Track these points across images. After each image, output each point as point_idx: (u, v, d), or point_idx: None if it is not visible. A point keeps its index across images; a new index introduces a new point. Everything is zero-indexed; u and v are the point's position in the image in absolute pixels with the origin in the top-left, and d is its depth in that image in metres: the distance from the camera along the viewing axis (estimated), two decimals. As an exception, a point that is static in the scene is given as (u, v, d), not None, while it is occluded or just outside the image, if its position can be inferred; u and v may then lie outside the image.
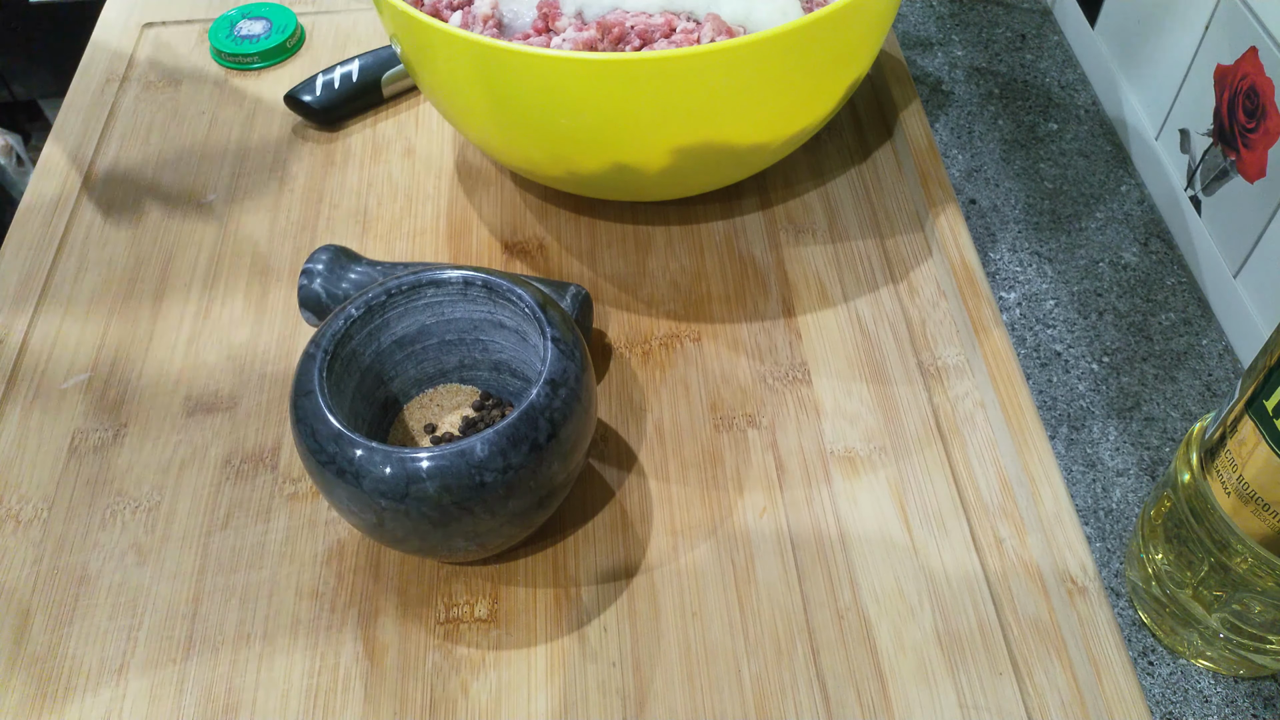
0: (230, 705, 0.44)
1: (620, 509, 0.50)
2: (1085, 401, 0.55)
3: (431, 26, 0.49)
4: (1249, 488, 0.39)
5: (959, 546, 0.48)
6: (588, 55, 0.47)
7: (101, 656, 0.45)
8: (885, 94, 0.68)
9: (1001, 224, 0.64)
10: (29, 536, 0.49)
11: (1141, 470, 0.52)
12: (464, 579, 0.47)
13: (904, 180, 0.64)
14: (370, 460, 0.40)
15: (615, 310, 0.58)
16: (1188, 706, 0.45)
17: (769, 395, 0.53)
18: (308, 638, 0.46)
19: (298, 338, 0.57)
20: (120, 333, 0.58)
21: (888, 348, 0.55)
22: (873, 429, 0.52)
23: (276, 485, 0.51)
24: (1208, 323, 0.58)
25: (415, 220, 0.63)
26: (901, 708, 0.43)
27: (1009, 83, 0.73)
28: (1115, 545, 0.50)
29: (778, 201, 0.63)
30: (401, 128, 0.69)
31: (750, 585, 0.47)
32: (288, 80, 0.72)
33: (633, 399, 0.54)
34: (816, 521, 0.49)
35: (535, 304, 0.45)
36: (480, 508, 0.41)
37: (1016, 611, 0.46)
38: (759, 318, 0.57)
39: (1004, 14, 0.78)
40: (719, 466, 0.51)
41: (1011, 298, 0.60)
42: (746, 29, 0.52)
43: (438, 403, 0.51)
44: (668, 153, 0.52)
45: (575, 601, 0.47)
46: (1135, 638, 0.47)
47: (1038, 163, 0.67)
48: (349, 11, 0.78)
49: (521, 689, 0.44)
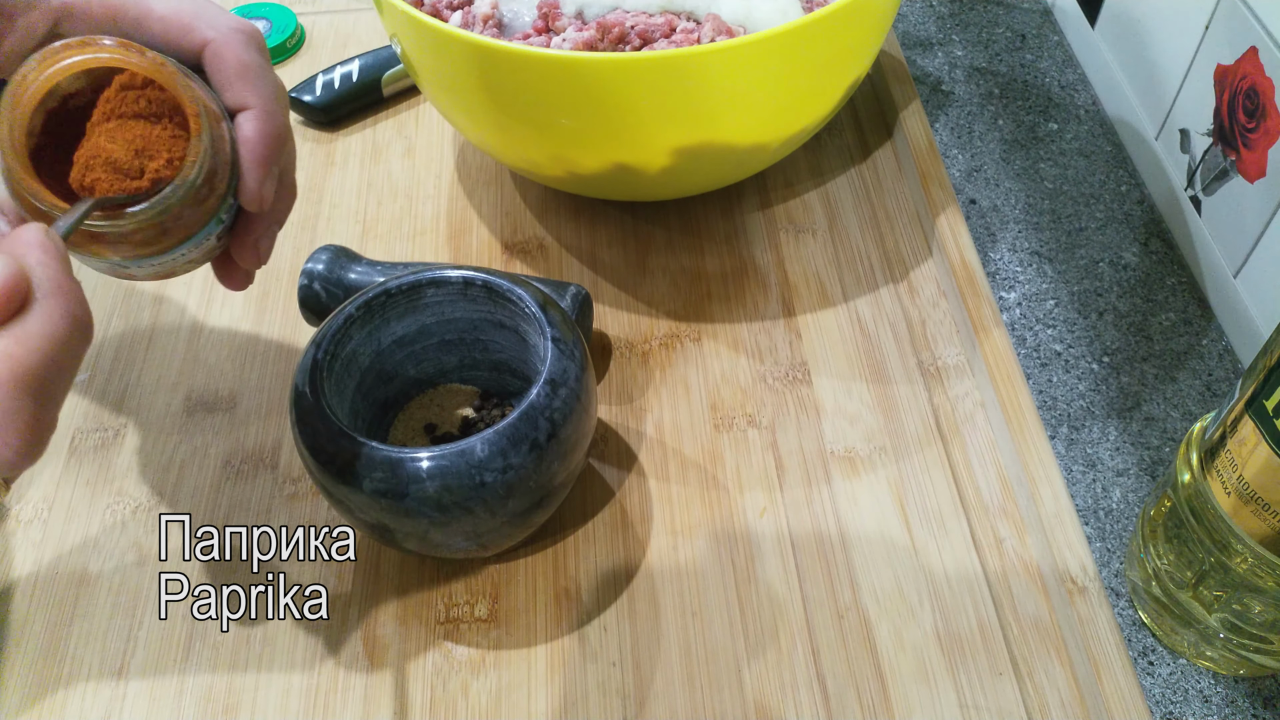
0: (230, 705, 0.44)
1: (620, 509, 0.49)
2: (1085, 401, 0.55)
3: (431, 26, 0.49)
4: (1249, 488, 0.39)
5: (959, 546, 0.48)
6: (588, 55, 0.47)
7: (101, 656, 0.45)
8: (885, 94, 0.68)
9: (1001, 224, 0.64)
10: (29, 536, 0.49)
11: (1141, 470, 0.52)
12: (464, 579, 0.47)
13: (904, 180, 0.64)
14: (370, 460, 0.40)
15: (615, 310, 0.58)
16: (1188, 706, 0.45)
17: (769, 395, 0.53)
18: (308, 638, 0.46)
19: (298, 338, 0.57)
20: (120, 333, 0.57)
21: (888, 348, 0.55)
22: (873, 429, 0.52)
23: (276, 485, 0.51)
24: (1208, 323, 0.58)
25: (415, 220, 0.63)
26: (901, 708, 0.43)
27: (1009, 83, 0.73)
28: (1115, 545, 0.50)
29: (778, 201, 0.63)
30: (401, 128, 0.69)
31: (750, 585, 0.47)
32: (288, 80, 0.72)
33: (633, 399, 0.54)
34: (816, 521, 0.49)
35: (535, 304, 0.45)
36: (480, 508, 0.41)
37: (1016, 611, 0.46)
38: (759, 318, 0.57)
39: (1004, 14, 0.78)
40: (719, 466, 0.51)
41: (1011, 298, 0.60)
42: (746, 29, 0.52)
43: (438, 403, 0.51)
44: (668, 153, 0.52)
45: (575, 601, 0.47)
46: (1135, 638, 0.47)
47: (1038, 163, 0.67)
48: (349, 11, 0.78)
49: (521, 689, 0.44)
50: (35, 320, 0.27)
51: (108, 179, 0.33)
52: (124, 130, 0.34)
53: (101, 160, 0.33)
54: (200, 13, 0.37)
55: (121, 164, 0.33)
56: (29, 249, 0.27)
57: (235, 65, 0.37)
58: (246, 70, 0.37)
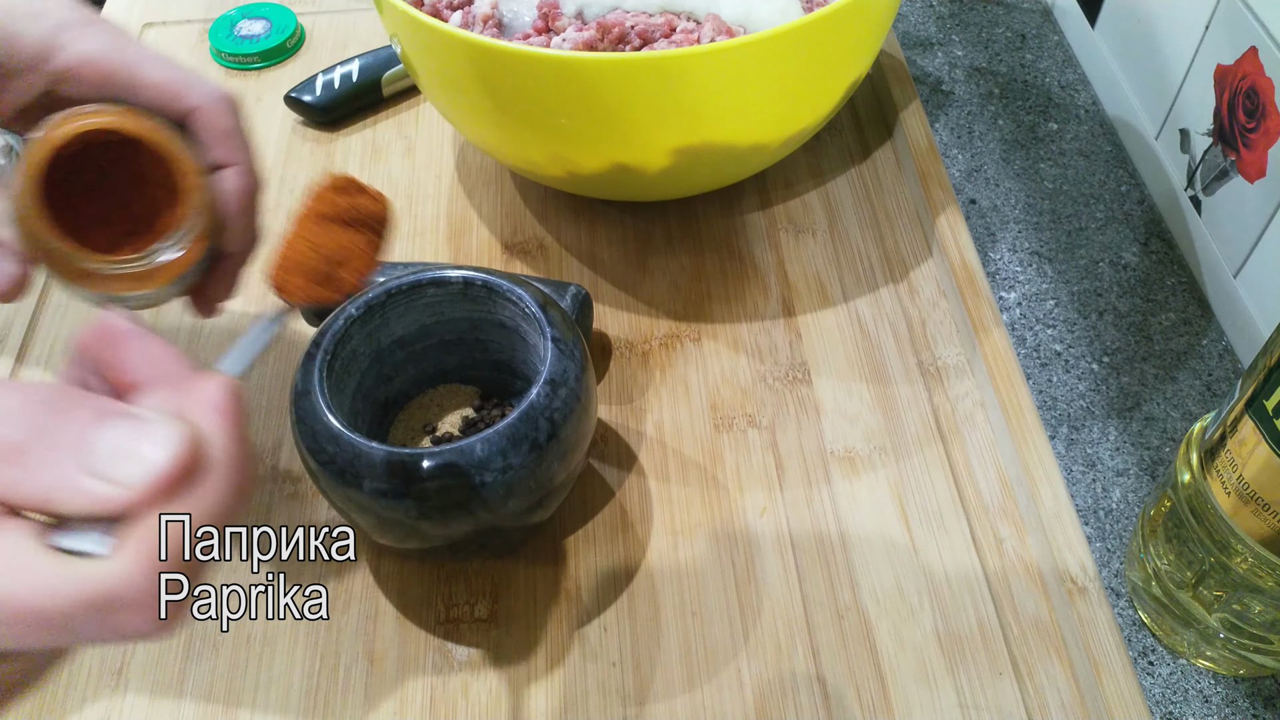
0: (230, 705, 0.44)
1: (620, 509, 0.49)
2: (1085, 401, 0.55)
3: (431, 26, 0.49)
4: (1249, 488, 0.39)
5: (959, 546, 0.48)
6: (587, 55, 0.47)
7: (101, 656, 0.45)
8: (885, 94, 0.68)
9: (1001, 224, 0.64)
10: (29, 536, 0.49)
11: (1141, 470, 0.52)
12: (464, 579, 0.47)
13: (904, 180, 0.64)
14: (370, 460, 0.40)
15: (615, 310, 0.58)
16: (1188, 706, 0.45)
17: (769, 395, 0.53)
18: (308, 638, 0.46)
19: (298, 338, 0.57)
20: (120, 333, 0.57)
21: (888, 348, 0.55)
22: (873, 429, 0.52)
23: (276, 485, 0.51)
24: (1208, 323, 0.58)
25: (415, 220, 0.63)
26: (901, 708, 0.43)
27: (1009, 83, 0.73)
28: (1115, 545, 0.50)
29: (778, 201, 0.63)
30: (401, 128, 0.69)
31: (750, 585, 0.47)
32: (288, 80, 0.72)
33: (633, 399, 0.54)
34: (816, 521, 0.49)
35: (535, 304, 0.45)
36: (480, 508, 0.41)
37: (1016, 611, 0.46)
38: (759, 318, 0.57)
39: (1004, 14, 0.78)
40: (719, 466, 0.51)
41: (1011, 298, 0.60)
42: (746, 29, 0.52)
43: (438, 403, 0.51)
44: (668, 153, 0.52)
45: (575, 601, 0.47)
46: (1135, 638, 0.47)
47: (1038, 163, 0.67)
48: (349, 11, 0.78)
49: (521, 689, 0.44)
50: (203, 494, 0.25)
51: (303, 285, 0.34)
52: (325, 236, 0.35)
53: (301, 266, 0.34)
54: (188, 81, 0.41)
55: (318, 273, 0.34)
56: (208, 413, 0.26)
57: (221, 129, 0.41)
58: (231, 134, 0.42)
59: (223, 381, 0.27)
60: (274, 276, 0.34)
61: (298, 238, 0.34)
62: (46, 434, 0.24)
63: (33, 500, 0.24)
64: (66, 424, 0.24)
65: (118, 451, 0.24)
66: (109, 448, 0.24)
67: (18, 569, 0.23)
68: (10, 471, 0.24)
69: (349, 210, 0.35)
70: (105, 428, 0.25)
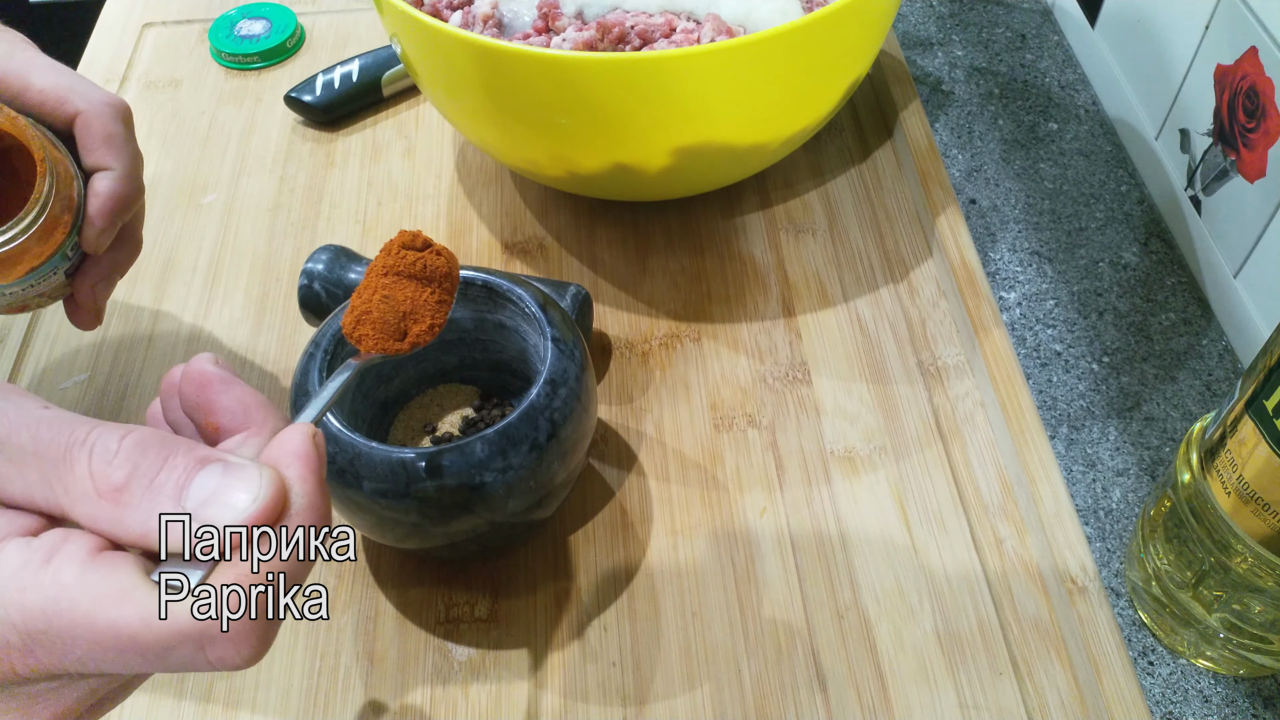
0: (230, 705, 0.44)
1: (620, 509, 0.49)
2: (1085, 401, 0.55)
3: (431, 26, 0.49)
4: (1249, 488, 0.39)
5: (959, 546, 0.48)
6: (588, 55, 0.47)
7: (101, 656, 0.45)
8: (885, 94, 0.68)
9: (1001, 224, 0.64)
10: (29, 536, 0.49)
11: (1141, 470, 0.52)
12: (464, 579, 0.47)
13: (904, 180, 0.64)
14: (370, 460, 0.40)
15: (615, 310, 0.58)
16: (1188, 706, 0.45)
17: (769, 395, 0.53)
18: (308, 638, 0.46)
19: (298, 338, 0.57)
20: (120, 333, 0.57)
21: (888, 348, 0.55)
22: (873, 429, 0.52)
23: (276, 485, 0.51)
24: (1208, 323, 0.58)
25: (415, 220, 0.63)
26: (901, 708, 0.43)
27: (1009, 83, 0.73)
28: (1115, 545, 0.50)
29: (778, 201, 0.63)
30: (401, 128, 0.69)
31: (750, 585, 0.47)
32: (288, 80, 0.72)
33: (633, 399, 0.54)
34: (816, 521, 0.49)
35: (535, 304, 0.45)
36: (480, 508, 0.41)
37: (1016, 611, 0.46)
38: (759, 318, 0.57)
39: (1004, 14, 0.78)
40: (719, 466, 0.51)
41: (1011, 298, 0.60)
42: (746, 29, 0.52)
43: (438, 403, 0.51)
44: (668, 153, 0.52)
45: (575, 601, 0.47)
46: (1135, 638, 0.47)
47: (1038, 163, 0.67)
48: (349, 11, 0.78)
49: (521, 689, 0.44)
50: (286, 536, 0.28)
51: (374, 336, 0.35)
52: (397, 289, 0.36)
53: (373, 318, 0.35)
54: (75, 87, 0.43)
55: (389, 325, 0.35)
56: (292, 462, 0.28)
57: (101, 134, 0.43)
58: (111, 139, 0.43)
59: (305, 430, 0.29)
60: (347, 326, 0.36)
61: (370, 290, 0.36)
62: (145, 476, 0.26)
63: (132, 538, 0.26)
64: (165, 469, 0.26)
65: (212, 495, 0.26)
66: (204, 492, 0.26)
67: (121, 599, 0.25)
68: (113, 511, 0.26)
69: (419, 266, 0.36)
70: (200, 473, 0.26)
